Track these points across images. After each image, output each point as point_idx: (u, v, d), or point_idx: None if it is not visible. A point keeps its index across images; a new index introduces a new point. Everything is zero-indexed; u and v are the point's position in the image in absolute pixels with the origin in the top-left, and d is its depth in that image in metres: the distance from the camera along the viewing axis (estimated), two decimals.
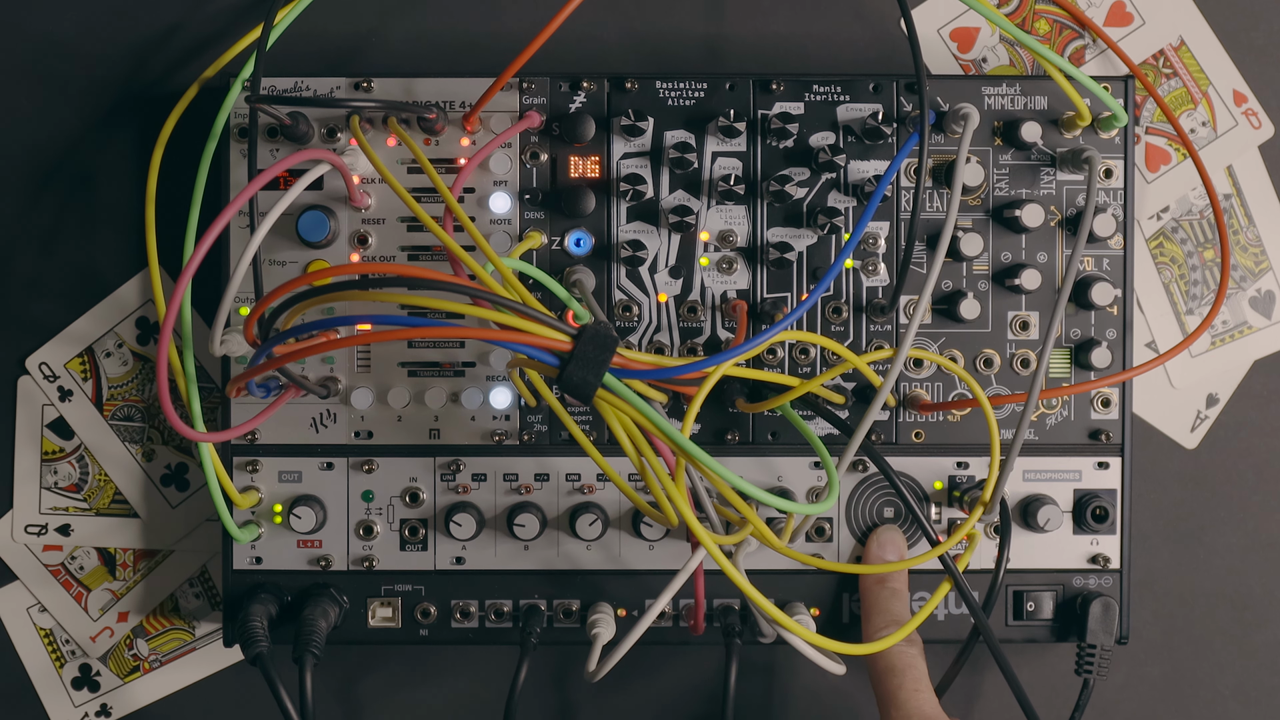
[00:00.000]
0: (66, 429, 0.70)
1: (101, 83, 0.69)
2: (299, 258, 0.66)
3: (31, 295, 0.70)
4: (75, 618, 0.70)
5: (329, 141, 0.65)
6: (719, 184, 0.64)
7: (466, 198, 0.66)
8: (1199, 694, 0.72)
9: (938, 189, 0.66)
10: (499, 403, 0.66)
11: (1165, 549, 0.71)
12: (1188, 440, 0.71)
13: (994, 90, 0.66)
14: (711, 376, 0.57)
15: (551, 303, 0.64)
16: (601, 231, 0.66)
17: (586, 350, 0.53)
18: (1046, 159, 0.66)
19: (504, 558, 0.66)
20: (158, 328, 0.70)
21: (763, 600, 0.57)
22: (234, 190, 0.65)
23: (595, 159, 0.66)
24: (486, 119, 0.65)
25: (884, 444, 0.67)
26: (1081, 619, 0.66)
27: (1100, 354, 0.65)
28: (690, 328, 0.66)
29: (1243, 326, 0.71)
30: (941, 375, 0.66)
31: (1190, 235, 0.71)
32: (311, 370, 0.66)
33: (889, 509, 0.67)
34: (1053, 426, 0.67)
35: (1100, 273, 0.66)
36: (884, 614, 0.64)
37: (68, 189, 0.70)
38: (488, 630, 0.66)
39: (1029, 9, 0.71)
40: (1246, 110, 0.71)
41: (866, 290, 0.66)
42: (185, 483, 0.70)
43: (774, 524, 0.65)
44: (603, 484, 0.66)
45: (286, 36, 0.66)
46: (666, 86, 0.66)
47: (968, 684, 0.71)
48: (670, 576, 0.60)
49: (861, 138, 0.65)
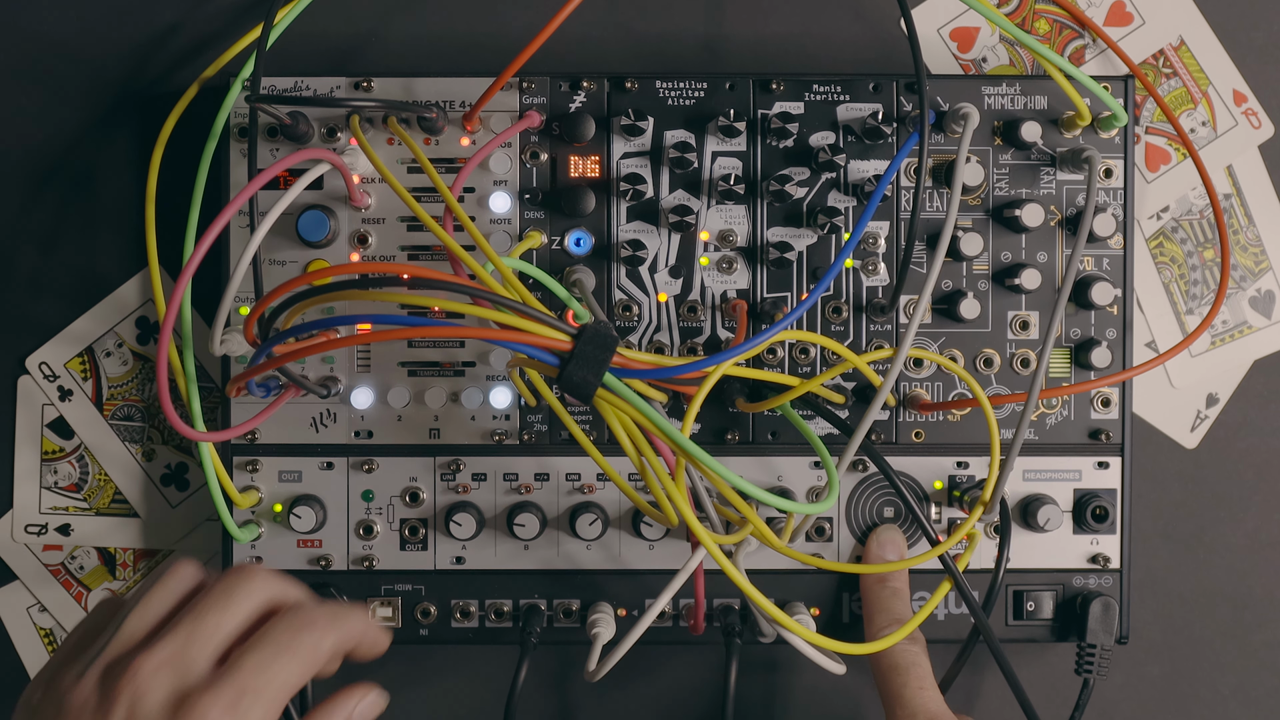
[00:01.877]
0: (66, 429, 0.70)
1: (101, 83, 0.69)
2: (299, 257, 0.66)
3: (31, 295, 0.70)
4: (75, 618, 0.70)
5: (329, 141, 0.65)
6: (719, 184, 0.64)
7: (466, 197, 0.66)
8: (1199, 694, 0.72)
9: (938, 189, 0.66)
10: (499, 402, 0.66)
11: (1165, 549, 0.71)
12: (1188, 440, 0.71)
13: (994, 90, 0.66)
14: (711, 376, 0.57)
15: (551, 302, 0.64)
16: (601, 231, 0.66)
17: (586, 350, 0.53)
18: (1046, 159, 0.66)
19: (504, 557, 0.66)
20: (158, 327, 0.70)
21: (763, 600, 0.57)
22: (234, 190, 0.65)
23: (595, 159, 0.66)
24: (486, 119, 0.65)
25: (884, 444, 0.67)
26: (1081, 619, 0.66)
27: (1100, 354, 0.65)
28: (690, 327, 0.66)
29: (1243, 326, 0.71)
30: (941, 375, 0.66)
31: (1190, 235, 0.71)
32: (311, 370, 0.66)
33: (889, 509, 0.67)
34: (1053, 426, 0.67)
35: (1100, 272, 0.66)
36: (886, 612, 0.64)
37: (68, 189, 0.70)
38: (488, 630, 0.66)
39: (1029, 9, 0.71)
40: (1246, 110, 0.71)
41: (866, 290, 0.66)
42: (185, 482, 0.70)
43: (774, 524, 0.65)
44: (603, 484, 0.66)
45: (286, 36, 0.66)
46: (666, 86, 0.66)
47: (968, 684, 0.71)
48: (670, 576, 0.60)
49: (861, 137, 0.65)
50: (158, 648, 0.50)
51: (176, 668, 0.49)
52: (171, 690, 0.49)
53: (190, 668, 0.50)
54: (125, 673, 0.49)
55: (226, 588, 0.52)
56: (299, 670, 0.51)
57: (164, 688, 0.49)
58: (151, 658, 0.49)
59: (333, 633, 0.52)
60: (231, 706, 0.49)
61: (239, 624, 0.52)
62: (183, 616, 0.51)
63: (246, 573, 0.53)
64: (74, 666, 0.51)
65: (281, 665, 0.50)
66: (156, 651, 0.50)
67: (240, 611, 0.52)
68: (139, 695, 0.49)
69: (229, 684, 0.49)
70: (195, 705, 0.48)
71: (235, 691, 0.49)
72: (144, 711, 0.48)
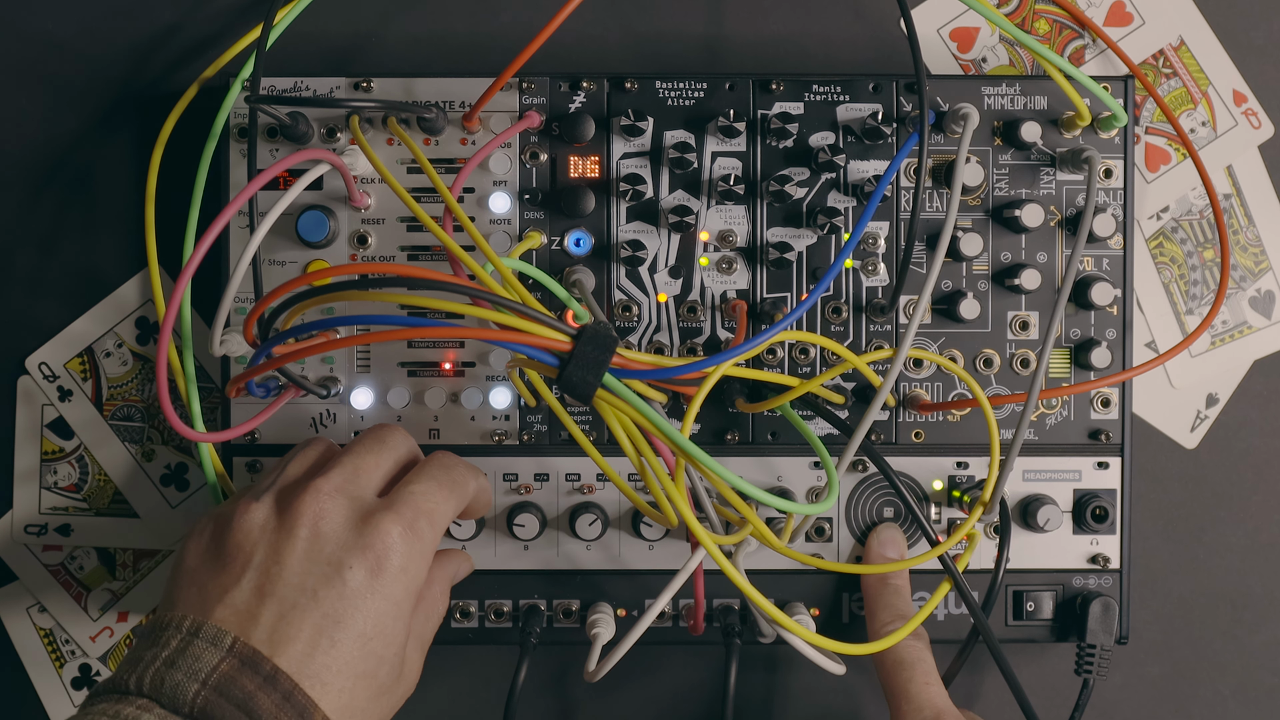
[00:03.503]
0: (66, 429, 0.70)
1: (101, 83, 0.70)
2: (299, 258, 0.66)
3: (31, 295, 0.70)
4: (75, 618, 0.70)
5: (329, 141, 0.65)
6: (719, 184, 0.64)
7: (466, 198, 0.66)
8: (1199, 694, 0.72)
9: (937, 189, 0.66)
10: (499, 403, 0.66)
11: (1165, 549, 0.71)
12: (1188, 440, 0.71)
13: (994, 90, 0.66)
14: (711, 376, 0.57)
15: (551, 303, 0.64)
16: (601, 231, 0.66)
17: (586, 350, 0.53)
18: (1046, 159, 0.66)
19: (504, 558, 0.66)
20: (158, 328, 0.70)
21: (763, 600, 0.57)
22: (234, 190, 0.65)
23: (595, 159, 0.66)
24: (486, 119, 0.65)
25: (884, 444, 0.67)
26: (1081, 619, 0.66)
27: (1100, 354, 0.65)
28: (690, 328, 0.66)
29: (1242, 326, 0.71)
30: (941, 375, 0.66)
31: (1190, 235, 0.71)
32: (311, 370, 0.66)
33: (889, 509, 0.67)
34: (1053, 426, 0.67)
35: (1100, 273, 0.66)
36: (890, 609, 0.64)
37: (68, 189, 0.70)
38: (488, 630, 0.66)
39: (1029, 9, 0.71)
40: (1246, 110, 0.71)
41: (866, 290, 0.66)
42: (185, 483, 0.70)
43: (774, 524, 0.65)
44: (602, 484, 0.66)
45: (286, 36, 0.66)
46: (666, 86, 0.66)
47: (968, 684, 0.71)
48: (670, 576, 0.60)
49: (861, 138, 0.65)
50: (331, 473, 0.55)
51: (349, 493, 0.54)
52: (351, 510, 0.54)
53: (361, 494, 0.55)
54: (305, 491, 0.54)
55: (379, 434, 0.58)
56: (455, 503, 0.57)
57: (344, 507, 0.54)
58: (328, 480, 0.54)
59: (473, 476, 0.59)
60: (411, 525, 0.54)
61: (391, 467, 0.57)
62: (342, 456, 0.56)
63: (392, 427, 0.59)
64: (244, 496, 0.55)
65: (444, 495, 0.56)
66: (331, 476, 0.55)
67: (392, 456, 0.57)
68: (322, 513, 0.53)
69: (405, 505, 0.54)
70: (379, 523, 0.53)
71: (412, 512, 0.54)
72: (328, 528, 0.53)
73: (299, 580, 0.51)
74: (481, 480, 0.60)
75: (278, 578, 0.51)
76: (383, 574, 0.52)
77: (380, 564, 0.52)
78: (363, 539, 0.52)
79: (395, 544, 0.53)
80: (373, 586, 0.52)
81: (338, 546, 0.52)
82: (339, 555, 0.52)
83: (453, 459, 0.58)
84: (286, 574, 0.51)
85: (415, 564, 0.53)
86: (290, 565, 0.52)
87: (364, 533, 0.53)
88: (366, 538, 0.52)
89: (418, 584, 0.54)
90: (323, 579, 0.51)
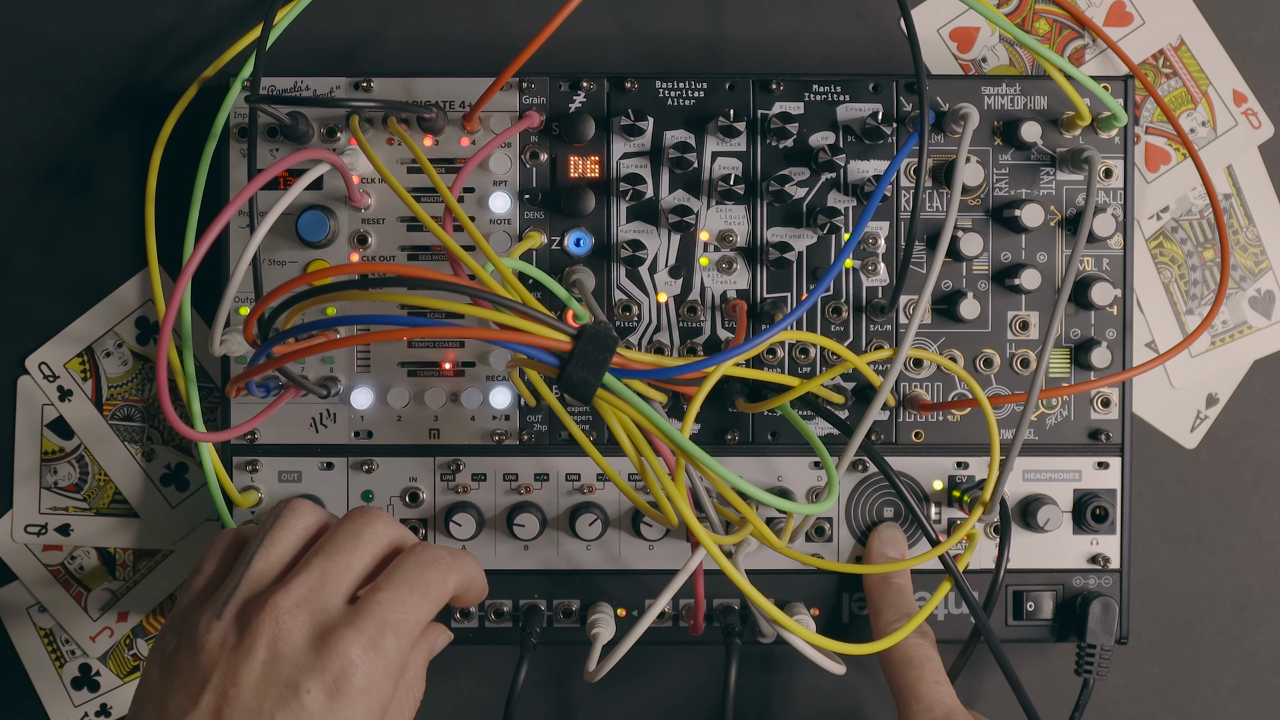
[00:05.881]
0: (66, 429, 0.70)
1: (101, 83, 0.69)
2: (299, 258, 0.66)
3: (31, 295, 0.70)
4: (75, 618, 0.70)
5: (329, 141, 0.65)
6: (719, 184, 0.64)
7: (466, 198, 0.66)
8: (1199, 694, 0.72)
9: (937, 189, 0.66)
10: (499, 403, 0.66)
11: (1165, 549, 0.71)
12: (1188, 440, 0.71)
13: (994, 90, 0.66)
14: (711, 376, 0.57)
15: (551, 303, 0.64)
16: (601, 231, 0.66)
17: (586, 350, 0.53)
18: (1046, 159, 0.66)
19: (504, 557, 0.66)
20: (158, 327, 0.70)
21: (763, 600, 0.57)
22: (234, 190, 0.65)
23: (595, 159, 0.66)
24: (486, 119, 0.65)
25: (884, 444, 0.67)
26: (1081, 619, 0.66)
27: (1100, 354, 0.65)
28: (690, 328, 0.66)
29: (1242, 326, 0.71)
30: (941, 375, 0.66)
31: (1190, 235, 0.71)
32: (311, 370, 0.66)
33: (889, 509, 0.67)
34: (1053, 426, 0.67)
35: (1100, 273, 0.66)
36: (893, 608, 0.64)
37: (68, 189, 0.70)
38: (487, 630, 0.66)
39: (1029, 9, 0.71)
40: (1246, 110, 0.71)
41: (866, 290, 0.66)
42: (185, 483, 0.70)
43: (774, 524, 0.65)
44: (603, 484, 0.66)
45: (286, 36, 0.66)
46: (666, 86, 0.66)
47: (968, 684, 0.71)
48: (670, 576, 0.60)
49: (861, 138, 0.65)
50: (293, 585, 0.51)
51: (313, 605, 0.51)
52: (311, 627, 0.50)
53: (326, 605, 0.51)
54: (264, 609, 0.50)
55: (354, 529, 0.54)
56: (428, 607, 0.53)
57: (304, 625, 0.50)
58: (289, 594, 0.51)
59: (454, 572, 0.55)
60: (373, 642, 0.50)
61: (368, 564, 0.53)
62: (313, 556, 0.52)
63: (371, 514, 0.55)
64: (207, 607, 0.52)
65: (415, 602, 0.52)
66: (293, 589, 0.51)
67: (368, 552, 0.54)
68: (280, 632, 0.50)
69: (368, 620, 0.51)
70: (338, 641, 0.50)
71: (376, 627, 0.51)
72: (286, 649, 0.50)
73: (255, 704, 0.49)
74: (468, 569, 0.56)
75: (235, 700, 0.49)
76: (341, 696, 0.49)
77: (339, 685, 0.49)
78: (321, 660, 0.49)
79: (355, 663, 0.49)
80: (331, 709, 0.49)
81: (295, 669, 0.49)
82: (296, 677, 0.49)
83: (432, 554, 0.54)
84: (244, 697, 0.49)
85: (378, 683, 0.50)
86: (247, 688, 0.49)
87: (323, 653, 0.49)
88: (325, 659, 0.49)
89: (383, 700, 0.51)
90: (279, 702, 0.49)
